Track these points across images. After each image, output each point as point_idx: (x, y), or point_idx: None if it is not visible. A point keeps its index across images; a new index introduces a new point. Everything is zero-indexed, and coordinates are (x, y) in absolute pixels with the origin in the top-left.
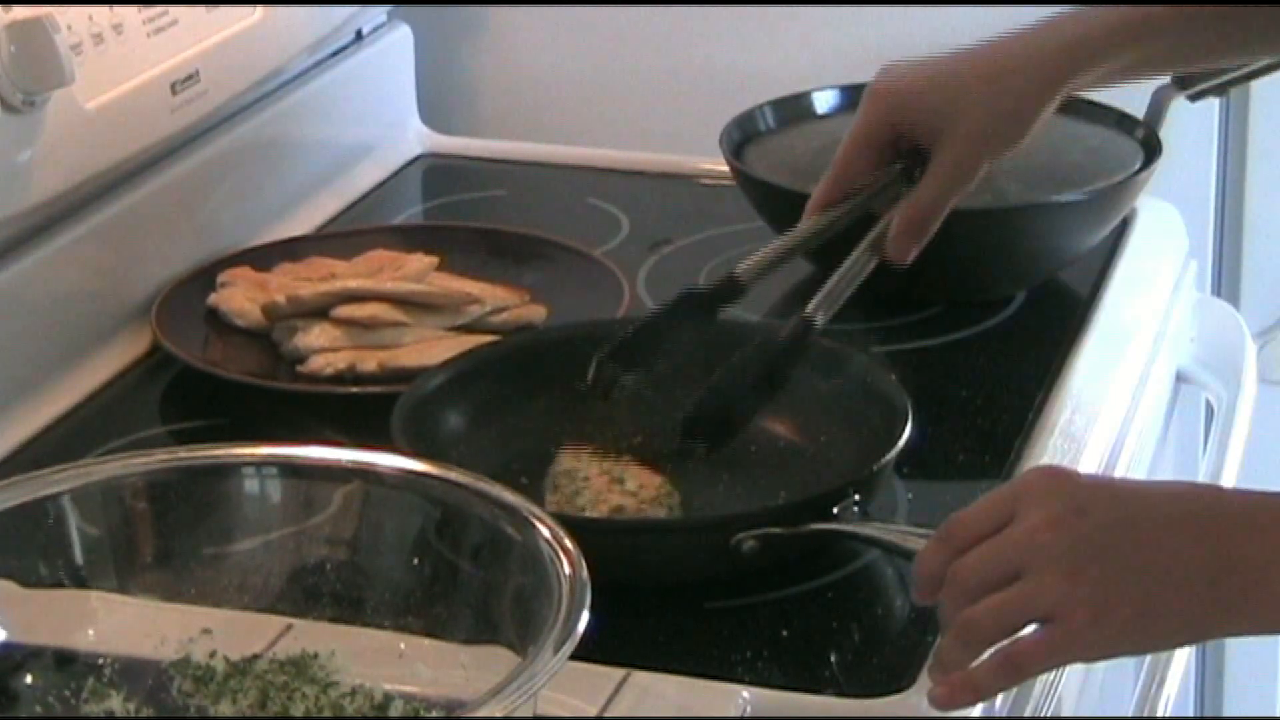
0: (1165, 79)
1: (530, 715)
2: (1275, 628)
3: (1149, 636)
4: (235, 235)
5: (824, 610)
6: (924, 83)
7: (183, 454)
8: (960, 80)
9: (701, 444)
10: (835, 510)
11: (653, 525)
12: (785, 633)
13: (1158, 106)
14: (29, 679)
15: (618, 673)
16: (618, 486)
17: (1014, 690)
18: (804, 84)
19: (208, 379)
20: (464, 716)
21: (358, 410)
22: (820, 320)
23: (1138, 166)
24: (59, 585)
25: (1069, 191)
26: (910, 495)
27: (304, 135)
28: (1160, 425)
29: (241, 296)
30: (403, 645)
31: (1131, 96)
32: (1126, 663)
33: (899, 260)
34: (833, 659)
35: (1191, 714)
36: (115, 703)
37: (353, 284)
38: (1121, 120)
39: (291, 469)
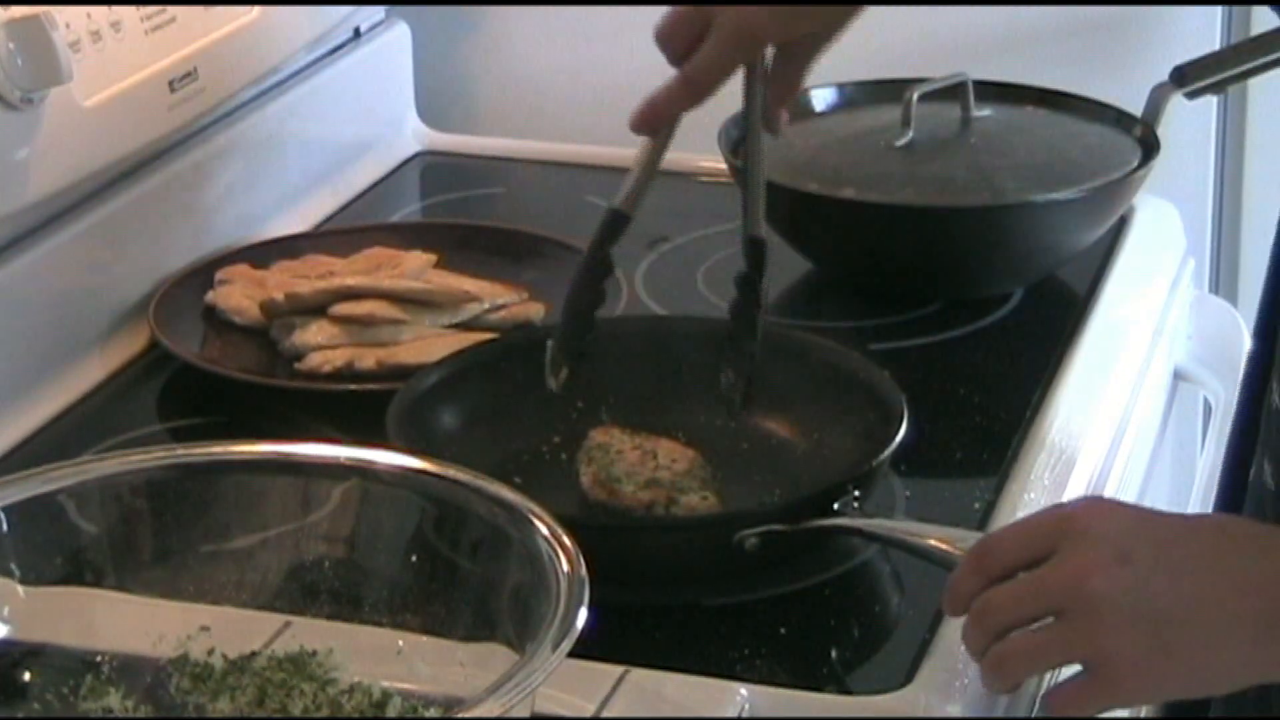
0: (1162, 76)
1: (528, 713)
2: None
3: (1198, 686)
4: (233, 233)
5: (823, 607)
6: None
7: (180, 451)
8: None
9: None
10: (835, 506)
11: (652, 523)
12: (784, 630)
13: (1156, 104)
14: (27, 676)
15: (616, 670)
16: (652, 460)
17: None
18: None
19: (206, 376)
20: (462, 714)
21: (356, 408)
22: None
23: (1135, 164)
24: (57, 582)
25: (1067, 189)
26: (908, 493)
27: (302, 133)
28: (1158, 423)
29: (239, 294)
30: (401, 642)
31: (1130, 94)
32: None
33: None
34: (832, 656)
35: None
36: (113, 700)
37: (351, 281)
38: (1119, 118)
39: (289, 466)
